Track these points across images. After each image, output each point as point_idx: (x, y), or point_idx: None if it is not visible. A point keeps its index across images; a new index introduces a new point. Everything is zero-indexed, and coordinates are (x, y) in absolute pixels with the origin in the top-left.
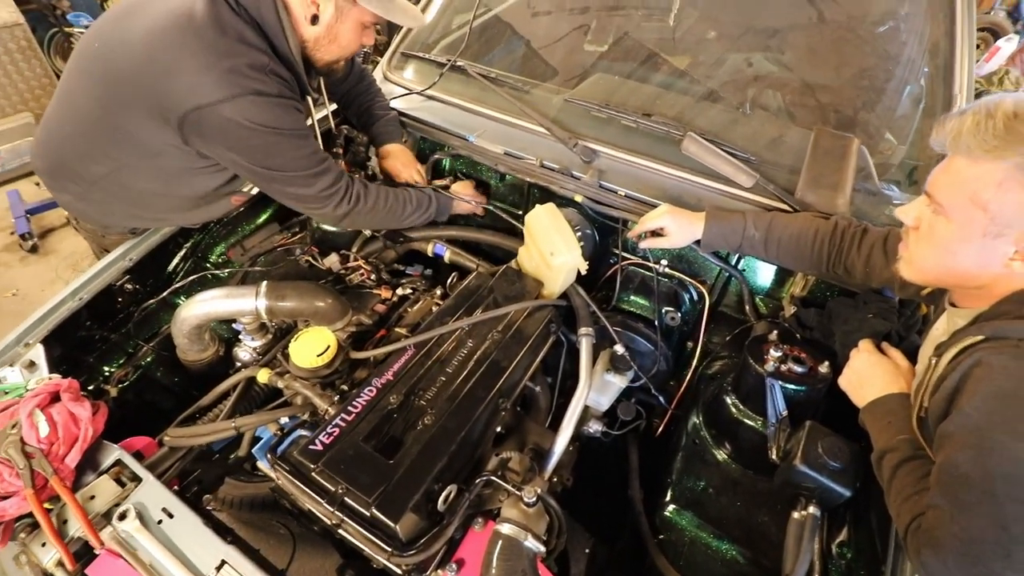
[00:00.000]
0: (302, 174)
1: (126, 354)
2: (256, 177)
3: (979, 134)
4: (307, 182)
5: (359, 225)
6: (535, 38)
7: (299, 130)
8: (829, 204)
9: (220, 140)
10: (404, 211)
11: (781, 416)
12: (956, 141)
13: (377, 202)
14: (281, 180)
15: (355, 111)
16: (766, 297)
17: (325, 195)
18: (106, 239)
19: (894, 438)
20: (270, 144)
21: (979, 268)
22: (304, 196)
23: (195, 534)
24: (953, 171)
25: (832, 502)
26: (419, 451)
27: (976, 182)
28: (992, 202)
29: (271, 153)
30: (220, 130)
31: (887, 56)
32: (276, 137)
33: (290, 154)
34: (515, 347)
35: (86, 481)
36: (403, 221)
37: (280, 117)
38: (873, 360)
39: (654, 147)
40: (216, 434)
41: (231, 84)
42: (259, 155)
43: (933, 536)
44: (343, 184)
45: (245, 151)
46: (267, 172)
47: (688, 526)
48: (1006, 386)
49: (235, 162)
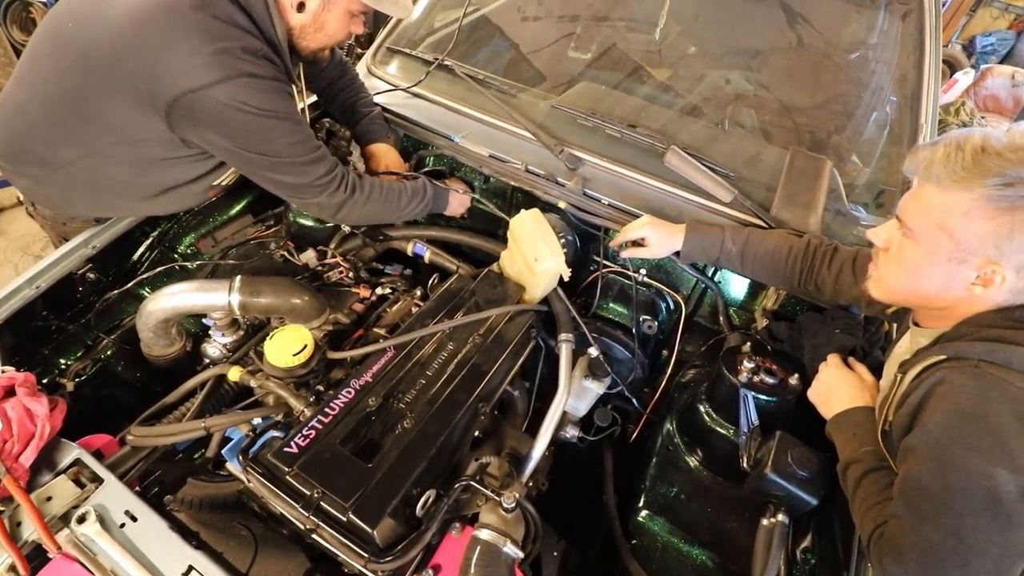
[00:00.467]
0: (298, 161)
1: (85, 347)
2: (250, 165)
3: (949, 165)
4: (303, 170)
5: (355, 218)
6: (523, 42)
7: (293, 115)
8: (802, 222)
9: (213, 126)
10: (400, 201)
11: (753, 426)
12: (928, 170)
13: (373, 191)
14: (276, 168)
15: (338, 106)
16: (739, 309)
17: (321, 184)
18: (67, 227)
19: (859, 449)
20: (266, 129)
21: (943, 291)
22: (299, 185)
23: (160, 539)
24: (923, 198)
25: (800, 510)
26: (398, 455)
27: (943, 210)
28: (958, 229)
29: (266, 139)
30: (213, 115)
31: (859, 83)
32: (272, 121)
33: (285, 140)
34: (496, 351)
35: (42, 481)
36: (401, 212)
37: (275, 101)
38: (840, 374)
39: (638, 158)
40: (184, 434)
41: (225, 66)
42: (254, 141)
43: (895, 544)
44: (339, 172)
45: (239, 137)
46: (262, 159)
47: (660, 531)
48: (965, 405)
49: (227, 149)
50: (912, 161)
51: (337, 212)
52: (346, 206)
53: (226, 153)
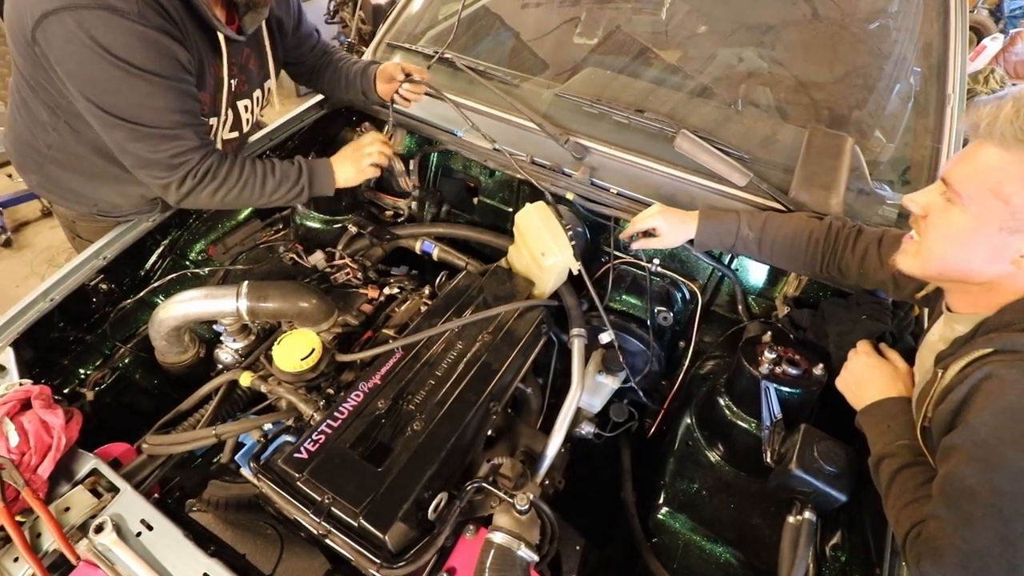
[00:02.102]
0: (147, 130)
1: (102, 356)
2: (96, 119)
3: (1017, 122)
4: (153, 143)
5: (203, 205)
6: (524, 30)
7: (157, 73)
8: (823, 204)
9: (61, 59)
10: (265, 187)
11: (776, 419)
12: (990, 127)
13: (229, 178)
14: (122, 130)
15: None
16: (759, 297)
17: (172, 163)
18: (77, 225)
19: (893, 443)
20: (113, 79)
21: (987, 264)
22: (146, 159)
23: (175, 547)
24: (979, 159)
25: (827, 506)
26: (408, 458)
27: (1002, 172)
28: (1015, 196)
29: (112, 90)
30: (62, 45)
31: (880, 54)
32: (121, 72)
33: (135, 99)
34: (506, 349)
35: (60, 492)
36: (266, 198)
37: (132, 48)
38: (871, 362)
39: (647, 144)
40: (197, 442)
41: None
42: (98, 89)
43: (934, 546)
44: (197, 156)
45: (85, 81)
46: (106, 116)
47: (681, 529)
48: (1017, 403)
49: (77, 94)
50: (972, 117)
51: (182, 200)
52: (193, 193)
53: (78, 98)
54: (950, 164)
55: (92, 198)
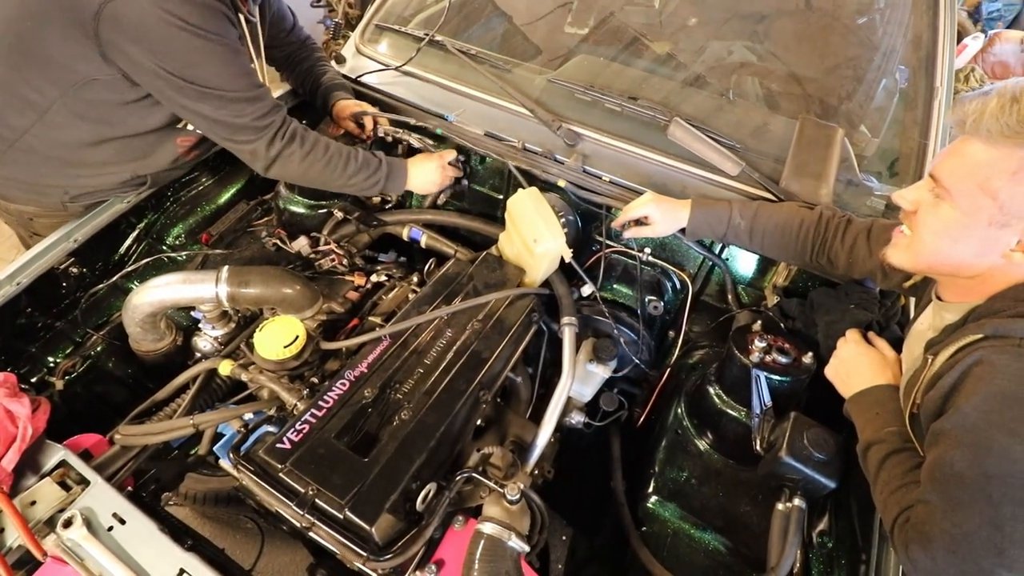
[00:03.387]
0: (230, 95)
1: (73, 344)
2: (178, 94)
3: (1002, 117)
4: (239, 107)
5: (290, 173)
6: (517, 14)
7: (229, 41)
8: (813, 194)
9: (137, 39)
10: (347, 167)
11: (766, 407)
12: (976, 123)
13: (316, 148)
14: (206, 98)
15: (298, 74)
16: (749, 287)
17: (258, 126)
18: (35, 223)
19: (881, 430)
20: (194, 49)
21: (977, 257)
22: (232, 125)
23: (150, 541)
24: (966, 154)
25: (816, 493)
26: (396, 448)
27: (989, 168)
28: (1003, 191)
29: (194, 61)
30: (138, 24)
31: (870, 46)
32: (201, 41)
33: (216, 67)
34: (496, 337)
35: (26, 485)
36: (345, 180)
37: (207, 17)
38: (860, 350)
39: (639, 132)
40: (173, 432)
41: None
42: (180, 62)
43: (922, 531)
44: (280, 117)
45: (165, 55)
46: (190, 87)
47: (671, 517)
48: (1007, 387)
49: (153, 72)
50: (958, 112)
51: (271, 164)
52: (282, 158)
53: (152, 78)
54: (938, 160)
55: (64, 186)
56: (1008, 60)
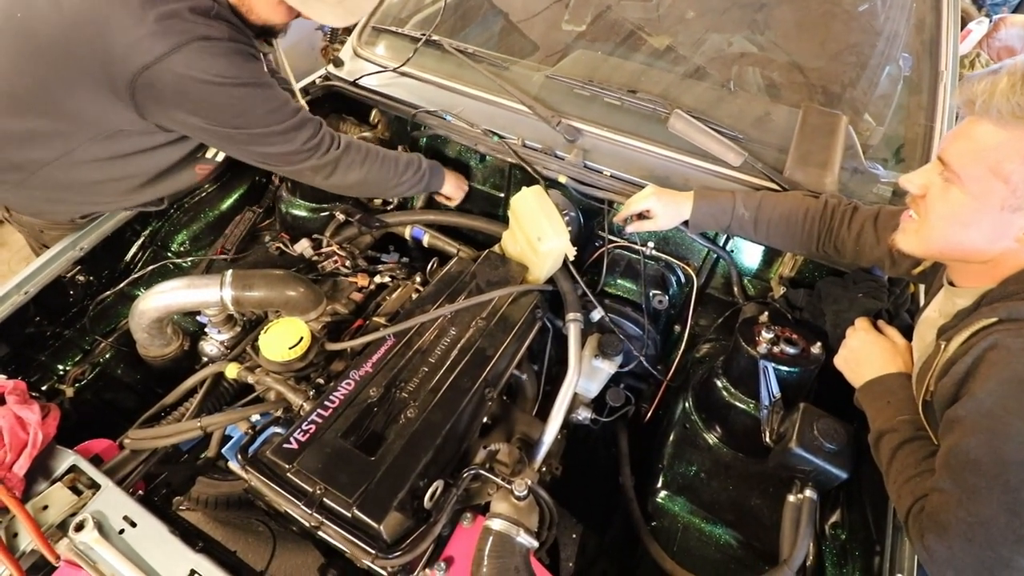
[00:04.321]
0: (278, 128)
1: (82, 351)
2: (228, 142)
3: (1013, 97)
4: (287, 137)
5: (351, 181)
6: (513, 11)
7: (262, 79)
8: (817, 182)
9: (179, 103)
10: (397, 168)
11: (774, 398)
12: (986, 104)
13: (370, 152)
14: (258, 140)
15: None
16: (754, 278)
17: (310, 146)
18: (45, 234)
19: (893, 418)
20: (236, 99)
21: (989, 243)
22: (287, 153)
23: (161, 543)
24: (975, 137)
25: (828, 484)
26: (402, 446)
27: (1000, 150)
28: (1015, 174)
29: (239, 110)
30: (176, 91)
31: (873, 31)
32: (240, 90)
33: (261, 108)
34: (500, 334)
35: (38, 490)
36: (398, 181)
37: (239, 65)
38: (870, 339)
39: (640, 125)
40: (181, 435)
41: (174, 32)
42: (226, 114)
43: (938, 520)
44: (325, 131)
45: (209, 112)
46: (240, 133)
47: (680, 512)
48: (1023, 371)
49: (201, 128)
50: (965, 92)
51: (332, 173)
52: (341, 166)
53: (201, 132)
54: (946, 142)
55: (75, 208)
56: (1014, 45)
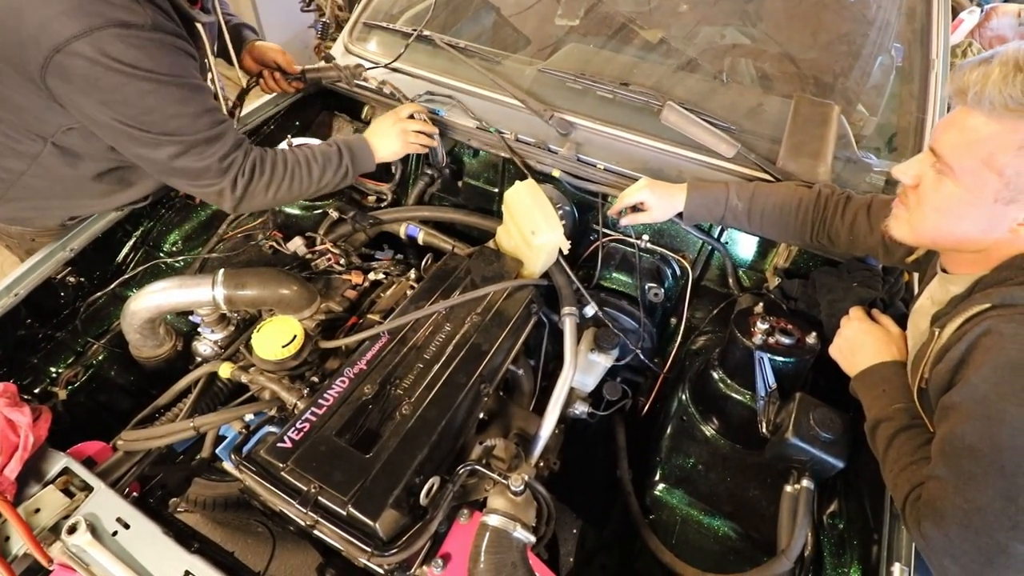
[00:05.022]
0: (191, 138)
1: (74, 353)
2: (134, 144)
3: (1006, 89)
4: (200, 150)
5: (259, 206)
6: (505, 6)
7: (184, 77)
8: (811, 172)
9: (85, 90)
10: (311, 173)
11: (770, 389)
12: (979, 95)
13: (276, 169)
14: (165, 145)
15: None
16: (749, 270)
17: (222, 167)
18: (36, 242)
19: (889, 407)
20: (146, 94)
21: (983, 233)
22: (195, 169)
23: (155, 545)
24: (967, 128)
25: (825, 474)
26: (397, 443)
27: (993, 143)
28: (1009, 167)
29: (149, 107)
30: (83, 77)
31: (864, 20)
32: (153, 85)
33: (173, 110)
34: (495, 330)
35: (29, 493)
36: (316, 185)
37: (157, 58)
38: (864, 328)
39: (633, 118)
40: (174, 435)
41: (88, 14)
42: (133, 109)
43: (935, 507)
44: (242, 152)
45: (116, 104)
46: (145, 136)
47: (679, 504)
48: (1017, 356)
49: (107, 124)
50: (957, 82)
51: (239, 202)
52: (249, 194)
53: (108, 129)
54: (938, 132)
55: (64, 211)
56: (1006, 34)
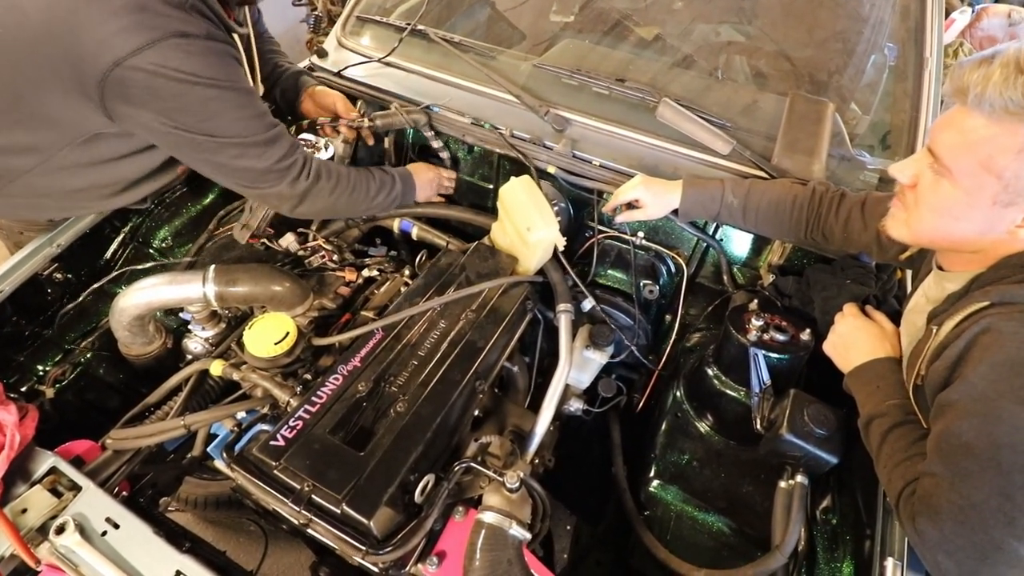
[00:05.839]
0: (250, 140)
1: (63, 351)
2: (195, 151)
3: (1007, 91)
4: (260, 152)
5: (318, 210)
6: (500, 1)
7: (241, 84)
8: (805, 170)
9: (146, 102)
10: (370, 190)
11: (765, 385)
12: (979, 97)
13: (340, 179)
14: (225, 150)
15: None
16: (744, 267)
17: (282, 167)
18: (24, 236)
19: (882, 403)
20: (208, 100)
21: (981, 234)
22: (255, 171)
23: (145, 545)
24: (966, 130)
25: (819, 470)
26: (392, 441)
27: (991, 144)
28: (1008, 169)
29: (211, 113)
30: (145, 89)
31: (859, 19)
32: (214, 91)
33: (234, 114)
34: (490, 326)
35: (16, 493)
36: (371, 203)
37: (215, 65)
38: (858, 324)
39: (628, 114)
40: (165, 434)
41: (147, 27)
42: (195, 116)
43: (930, 503)
44: (300, 154)
45: (177, 112)
46: (208, 140)
47: (673, 500)
48: (1016, 354)
49: (167, 133)
50: (956, 82)
51: (300, 203)
52: (310, 195)
53: (168, 137)
54: (935, 132)
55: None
56: (996, 34)
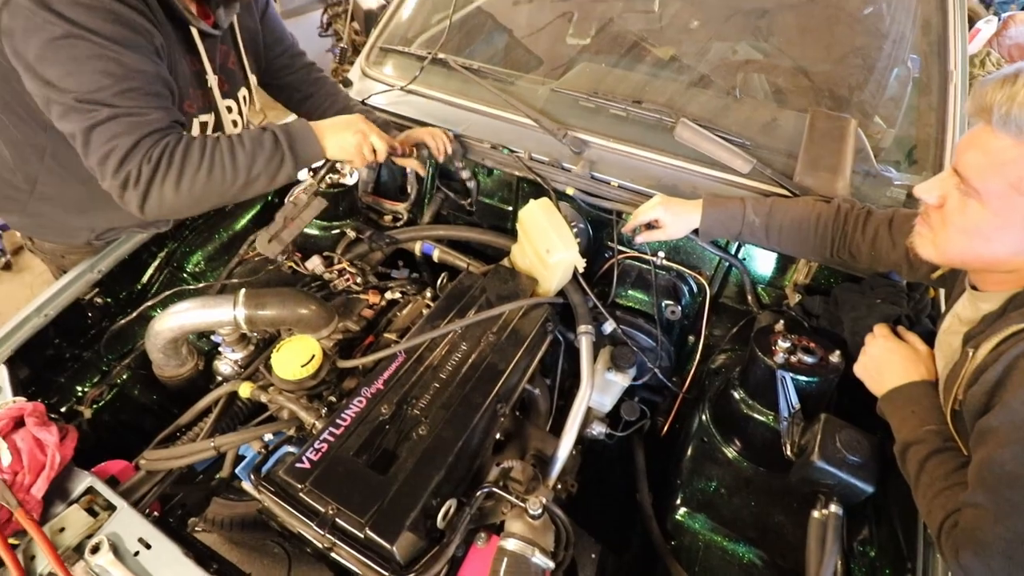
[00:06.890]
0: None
1: (100, 372)
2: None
3: None
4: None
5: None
6: (517, 28)
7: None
8: (829, 187)
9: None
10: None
11: (794, 410)
12: (1005, 118)
13: (188, 158)
14: (54, 105)
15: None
16: (768, 286)
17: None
18: (66, 259)
19: (919, 429)
20: (58, 44)
21: (1013, 255)
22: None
23: (175, 565)
24: (992, 151)
25: (853, 499)
26: (414, 464)
27: (1020, 166)
28: None
29: (56, 58)
30: (22, 21)
31: (879, 33)
32: (67, 35)
33: (73, 65)
34: (511, 348)
35: (55, 512)
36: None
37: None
38: (890, 346)
39: (646, 135)
40: (195, 455)
41: None
42: (44, 58)
43: (975, 537)
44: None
45: (33, 47)
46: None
47: (701, 529)
48: None
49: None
50: (979, 101)
51: (143, 203)
52: (152, 195)
53: (25, 76)
54: (962, 154)
55: (87, 227)
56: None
